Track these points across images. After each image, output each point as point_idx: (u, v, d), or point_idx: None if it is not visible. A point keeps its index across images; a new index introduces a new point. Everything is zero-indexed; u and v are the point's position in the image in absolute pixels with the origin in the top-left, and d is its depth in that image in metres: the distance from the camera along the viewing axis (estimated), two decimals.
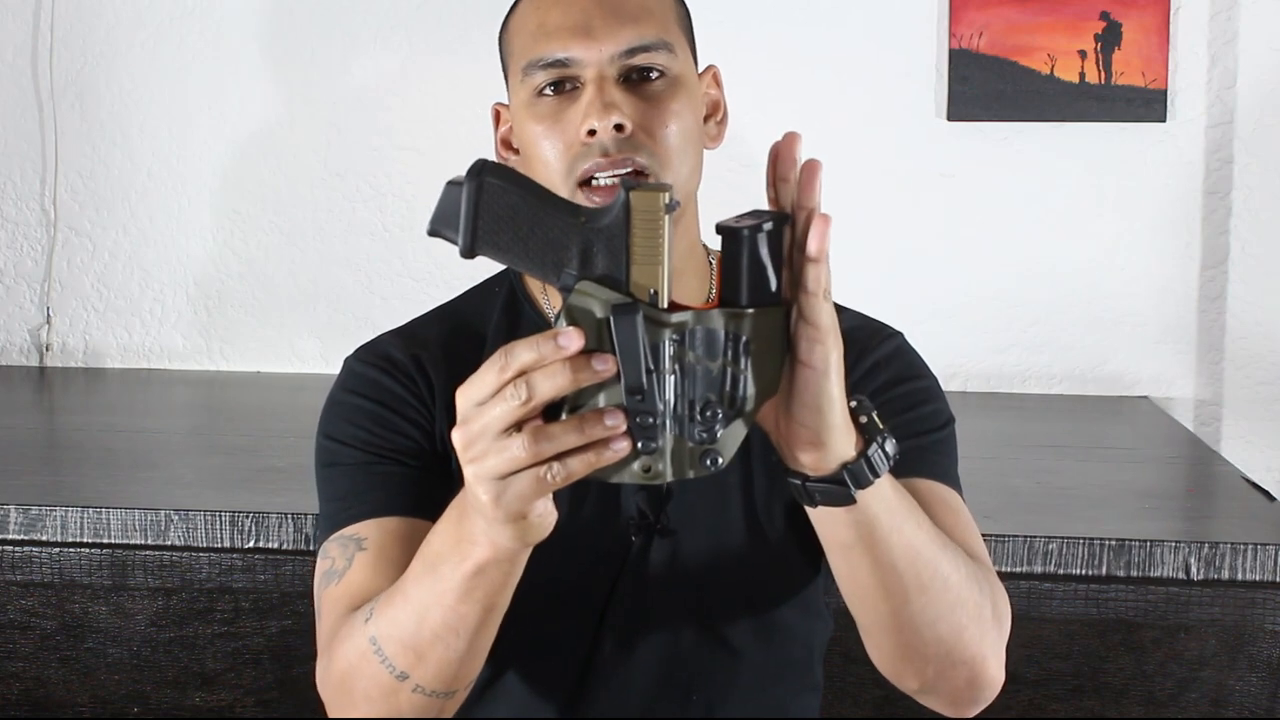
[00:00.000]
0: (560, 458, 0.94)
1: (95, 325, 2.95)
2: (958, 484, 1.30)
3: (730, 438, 0.97)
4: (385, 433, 1.29)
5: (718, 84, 1.36)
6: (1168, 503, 2.03)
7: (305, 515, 1.79)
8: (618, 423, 0.94)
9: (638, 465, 0.96)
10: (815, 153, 0.98)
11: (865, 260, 2.69)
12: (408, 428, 1.30)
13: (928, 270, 2.74)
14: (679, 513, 1.29)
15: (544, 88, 1.25)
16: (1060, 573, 1.73)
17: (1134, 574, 1.73)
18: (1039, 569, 1.73)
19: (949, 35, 2.69)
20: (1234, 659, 1.73)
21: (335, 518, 1.27)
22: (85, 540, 1.83)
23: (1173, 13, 2.65)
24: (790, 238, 0.98)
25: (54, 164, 2.93)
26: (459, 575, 1.06)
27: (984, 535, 1.28)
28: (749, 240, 0.97)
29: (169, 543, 1.82)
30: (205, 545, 1.81)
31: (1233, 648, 1.73)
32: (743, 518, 1.30)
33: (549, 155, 1.25)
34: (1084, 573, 1.73)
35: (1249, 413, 2.70)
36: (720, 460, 0.97)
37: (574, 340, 0.94)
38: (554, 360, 0.93)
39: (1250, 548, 1.72)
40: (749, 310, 0.97)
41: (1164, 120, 2.66)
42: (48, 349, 2.95)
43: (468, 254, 0.98)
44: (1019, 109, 2.69)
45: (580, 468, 0.95)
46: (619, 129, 1.22)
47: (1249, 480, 2.08)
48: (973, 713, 1.22)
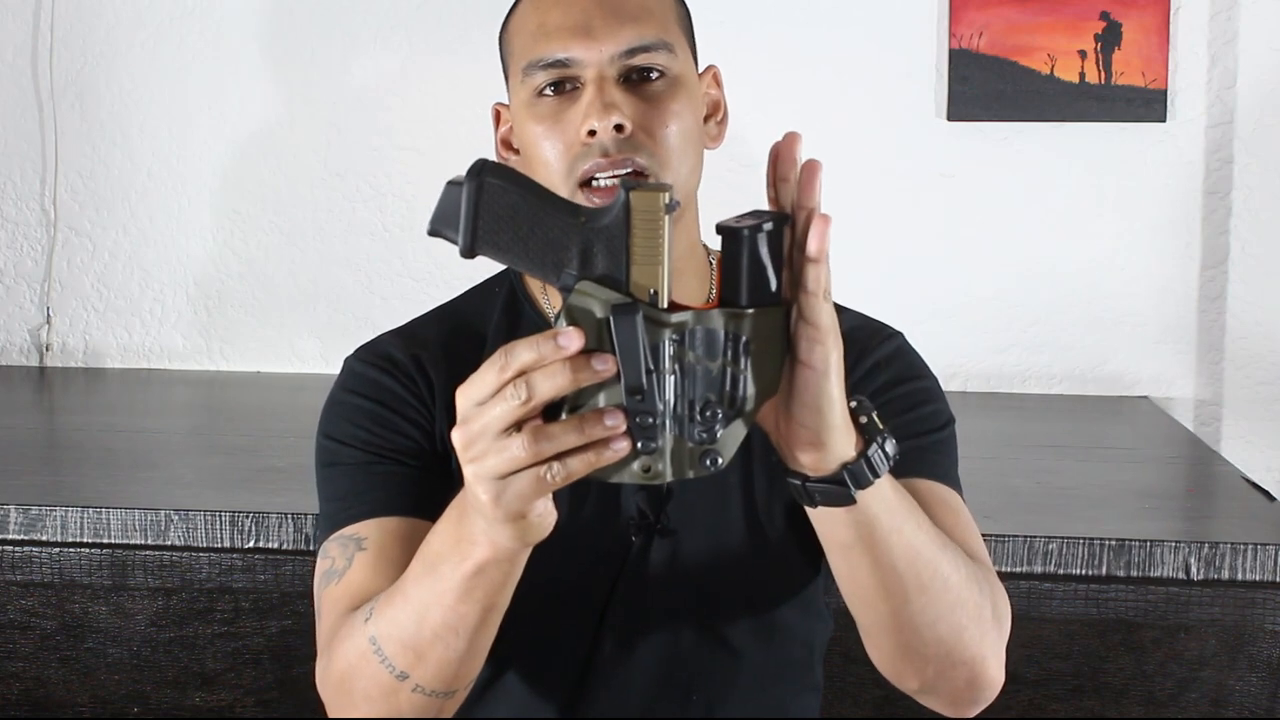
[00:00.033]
0: (560, 457, 0.94)
1: (95, 325, 2.95)
2: (958, 484, 1.30)
3: (730, 438, 0.97)
4: (385, 432, 1.29)
5: (718, 84, 1.36)
6: (1168, 503, 2.03)
7: (305, 515, 1.79)
8: (617, 423, 0.94)
9: (637, 465, 0.96)
10: (815, 153, 0.98)
11: (865, 260, 2.69)
12: (408, 428, 1.30)
13: (928, 270, 2.74)
14: (679, 513, 1.29)
15: (544, 88, 1.25)
16: (1060, 573, 1.73)
17: (1134, 574, 1.73)
18: (1039, 569, 1.73)
19: (949, 35, 2.69)
20: (1234, 659, 1.73)
21: (335, 517, 1.27)
22: (85, 540, 1.83)
23: (1173, 13, 2.65)
24: (790, 238, 0.98)
25: (54, 164, 2.93)
26: (459, 575, 1.06)
27: (984, 535, 1.28)
28: (749, 240, 0.97)
29: (169, 543, 1.82)
30: (205, 545, 1.81)
31: (1233, 648, 1.73)
32: (743, 518, 1.30)
33: (549, 155, 1.25)
34: (1084, 573, 1.73)
35: (1249, 413, 2.70)
36: (720, 460, 0.97)
37: (574, 340, 0.94)
38: (554, 360, 0.93)
39: (1250, 548, 1.72)
40: (749, 310, 0.97)
41: (1164, 120, 2.66)
42: (48, 349, 2.95)
43: (468, 254, 0.98)
44: (1019, 109, 2.69)
45: (580, 467, 0.95)
46: (619, 129, 1.22)
47: (1249, 480, 2.08)
48: (973, 713, 1.22)
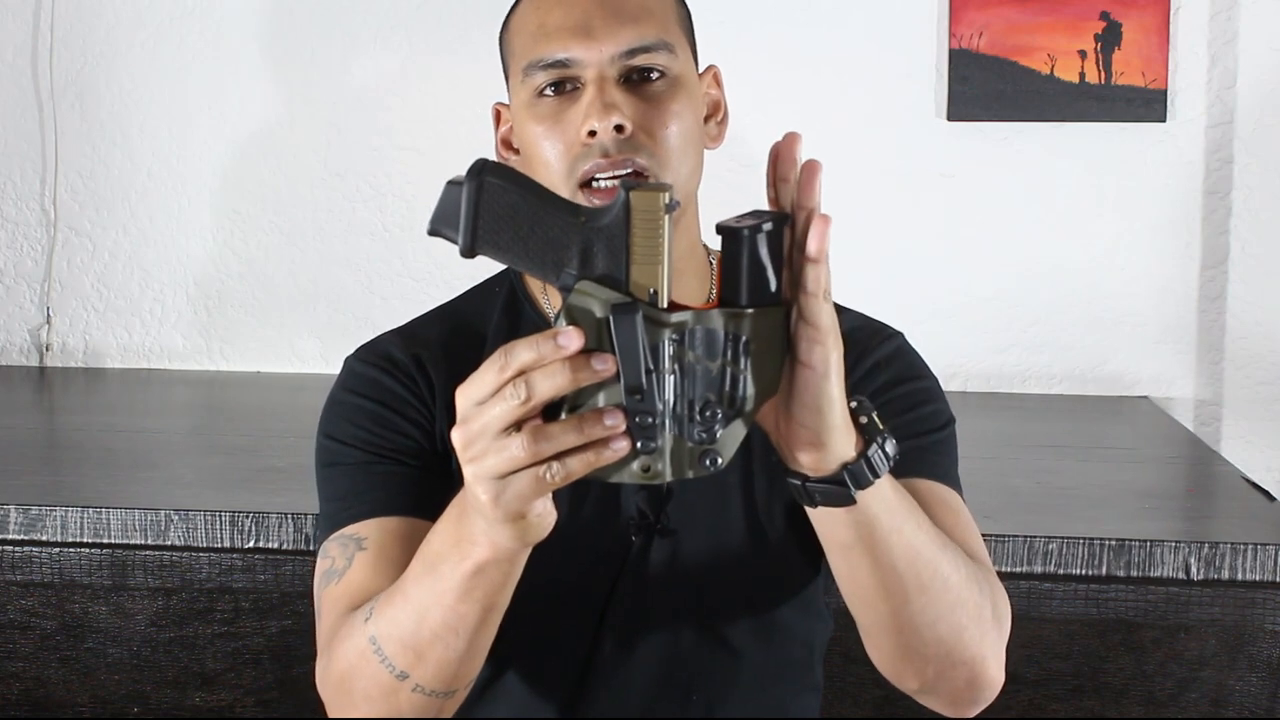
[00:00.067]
0: (559, 457, 0.94)
1: (95, 325, 2.95)
2: (958, 484, 1.30)
3: (730, 438, 0.97)
4: (386, 432, 1.29)
5: (718, 84, 1.36)
6: (1168, 503, 2.03)
7: (305, 515, 1.79)
8: (617, 422, 0.94)
9: (637, 465, 0.96)
10: (815, 153, 0.98)
11: (865, 260, 2.69)
12: (408, 427, 1.30)
13: (928, 270, 2.74)
14: (679, 513, 1.29)
15: (544, 88, 1.25)
16: (1060, 573, 1.73)
17: (1134, 574, 1.73)
18: (1039, 569, 1.73)
19: (949, 35, 2.69)
20: (1234, 659, 1.73)
21: (335, 517, 1.27)
22: (85, 540, 1.83)
23: (1173, 13, 2.65)
24: (790, 238, 0.98)
25: (54, 164, 2.93)
26: (458, 575, 1.06)
27: (984, 535, 1.27)
28: (749, 240, 0.97)
29: (169, 543, 1.82)
30: (205, 545, 1.81)
31: (1233, 648, 1.73)
32: (743, 518, 1.30)
33: (549, 156, 1.25)
34: (1084, 573, 1.73)
35: (1249, 413, 2.70)
36: (720, 460, 0.97)
37: (573, 340, 0.94)
38: (553, 360, 0.93)
39: (1250, 548, 1.72)
40: (749, 310, 0.97)
41: (1164, 120, 2.66)
42: (48, 349, 2.95)
43: (468, 253, 0.98)
44: (1019, 109, 2.68)
45: (579, 467, 0.95)
46: (619, 130, 1.22)
47: (1249, 480, 2.08)
48: (973, 713, 1.22)
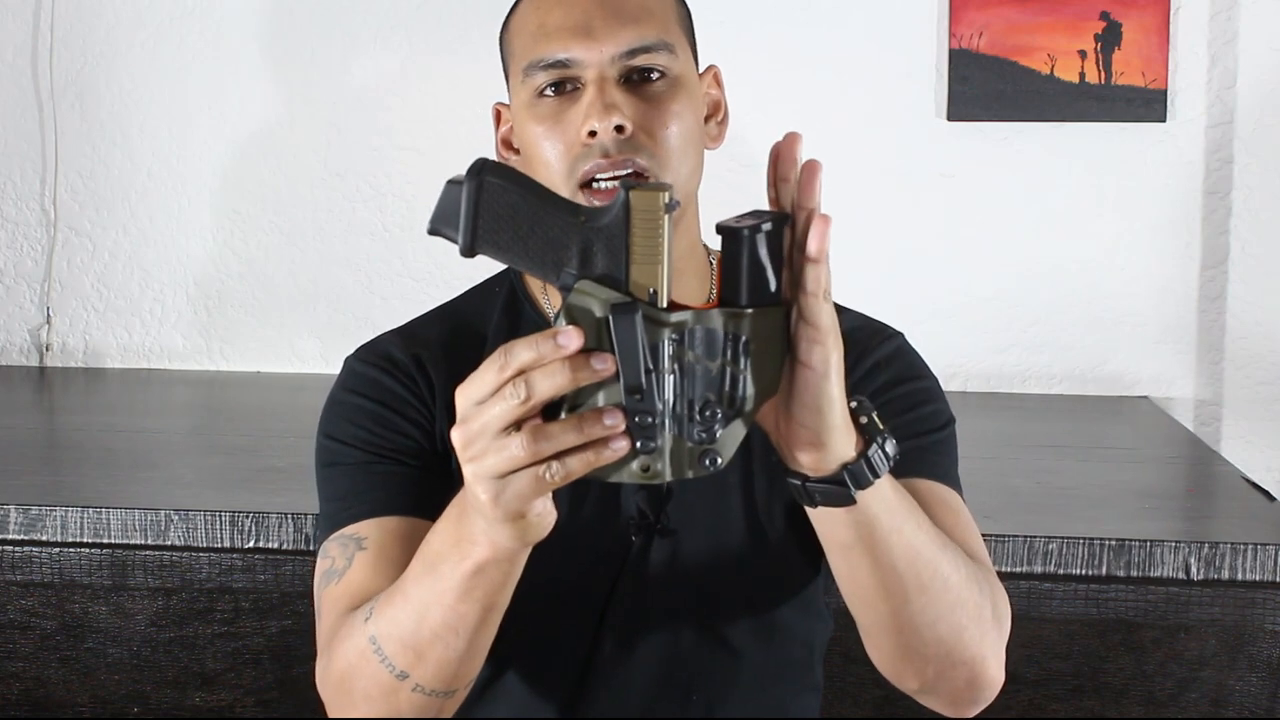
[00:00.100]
0: (559, 457, 0.94)
1: (95, 325, 2.95)
2: (958, 484, 1.30)
3: (729, 438, 0.97)
4: (386, 432, 1.29)
5: (718, 84, 1.35)
6: (1168, 503, 2.03)
7: (305, 515, 1.79)
8: (616, 422, 0.94)
9: (637, 465, 0.96)
10: (815, 153, 0.98)
11: (865, 260, 2.69)
12: (408, 427, 1.29)
13: (928, 270, 2.74)
14: (679, 513, 1.29)
15: (545, 88, 1.25)
16: (1060, 573, 1.73)
17: (1134, 574, 1.73)
18: (1039, 569, 1.73)
19: (949, 35, 2.69)
20: (1234, 659, 1.73)
21: (335, 517, 1.27)
22: (85, 540, 1.83)
23: (1173, 13, 2.65)
24: (790, 238, 0.98)
25: (54, 164, 2.93)
26: (458, 575, 1.06)
27: (984, 535, 1.27)
28: (749, 240, 0.97)
29: (169, 543, 1.82)
30: (205, 545, 1.81)
31: (1233, 648, 1.73)
32: (743, 518, 1.30)
33: (550, 156, 1.25)
34: (1084, 573, 1.73)
35: (1249, 413, 2.70)
36: (719, 460, 0.97)
37: (573, 339, 0.94)
38: (553, 359, 0.93)
39: (1250, 548, 1.72)
40: (749, 310, 0.97)
41: (1164, 120, 2.66)
42: (48, 349, 2.95)
43: (468, 253, 0.98)
44: (1019, 109, 2.68)
45: (579, 467, 0.95)
46: (619, 130, 1.22)
47: (1249, 480, 2.07)
48: (973, 713, 1.22)
